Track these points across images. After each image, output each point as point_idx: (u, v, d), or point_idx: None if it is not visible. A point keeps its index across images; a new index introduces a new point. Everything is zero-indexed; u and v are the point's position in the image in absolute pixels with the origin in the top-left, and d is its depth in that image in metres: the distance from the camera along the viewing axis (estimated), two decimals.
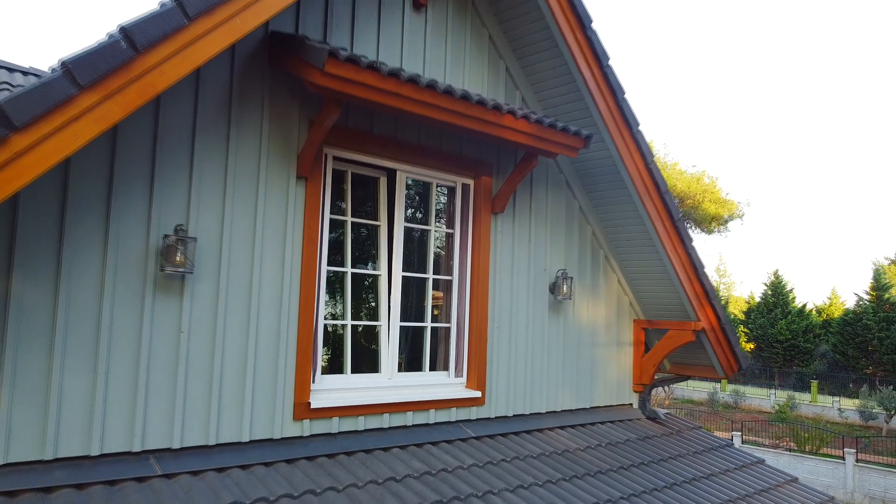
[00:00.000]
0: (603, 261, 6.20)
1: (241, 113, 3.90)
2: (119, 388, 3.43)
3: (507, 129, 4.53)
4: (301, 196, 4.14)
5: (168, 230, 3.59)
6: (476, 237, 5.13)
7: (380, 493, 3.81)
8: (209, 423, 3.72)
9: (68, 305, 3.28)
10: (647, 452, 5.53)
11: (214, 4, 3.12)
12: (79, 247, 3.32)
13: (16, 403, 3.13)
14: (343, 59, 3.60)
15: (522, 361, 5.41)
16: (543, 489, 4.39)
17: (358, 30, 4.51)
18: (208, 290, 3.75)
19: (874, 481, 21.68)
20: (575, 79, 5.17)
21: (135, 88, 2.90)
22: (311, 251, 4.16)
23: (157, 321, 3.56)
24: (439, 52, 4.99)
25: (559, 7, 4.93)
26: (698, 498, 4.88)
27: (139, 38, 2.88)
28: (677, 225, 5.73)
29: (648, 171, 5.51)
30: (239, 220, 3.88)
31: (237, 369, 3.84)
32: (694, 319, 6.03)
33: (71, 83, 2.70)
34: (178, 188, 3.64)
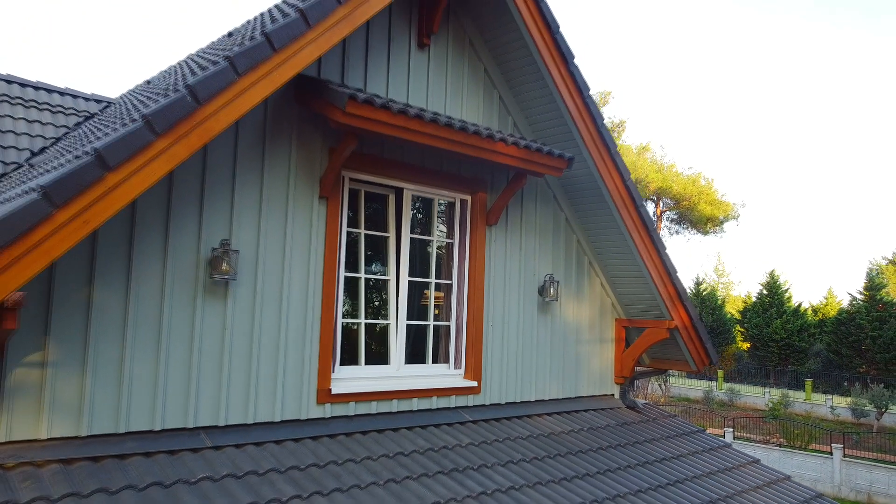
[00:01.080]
0: (587, 266, 6.92)
1: (272, 144, 4.62)
2: (176, 374, 4.15)
3: (499, 153, 5.25)
4: (323, 213, 4.86)
5: (215, 244, 4.31)
6: (473, 246, 5.85)
7: (391, 464, 4.53)
8: (248, 404, 4.44)
9: (136, 307, 4.00)
10: (625, 436, 6.25)
11: (258, 62, 3.84)
12: (144, 259, 4.03)
13: (96, 386, 3.85)
14: (361, 101, 4.32)
15: (514, 355, 6.13)
16: (530, 465, 5.11)
17: (370, 67, 5.23)
18: (247, 294, 4.47)
19: (860, 475, 22.41)
20: (559, 107, 5.89)
21: (196, 133, 3.61)
22: (331, 259, 4.88)
23: (206, 320, 4.28)
24: (440, 84, 5.70)
25: (545, 46, 5.64)
26: (667, 476, 5.61)
27: (201, 93, 3.60)
28: (652, 234, 6.45)
29: (625, 188, 6.23)
30: (272, 234, 4.60)
31: (270, 360, 4.56)
32: (668, 318, 6.75)
33: (150, 131, 3.41)
34: (222, 209, 4.36)
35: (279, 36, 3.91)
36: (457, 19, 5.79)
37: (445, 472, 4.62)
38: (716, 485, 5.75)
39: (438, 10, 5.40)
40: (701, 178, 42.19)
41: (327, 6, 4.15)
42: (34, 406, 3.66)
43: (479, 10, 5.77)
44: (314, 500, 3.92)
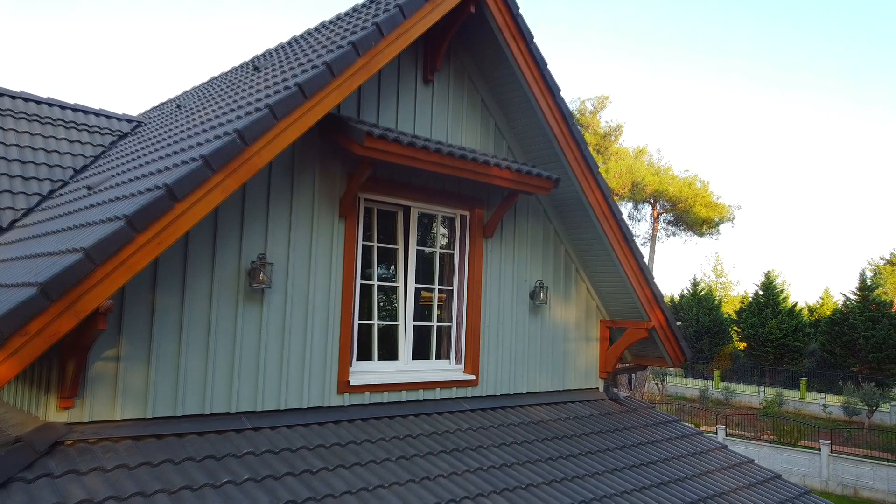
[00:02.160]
0: (574, 272, 7.71)
1: (299, 172, 5.41)
2: (221, 367, 4.94)
3: (494, 176, 6.05)
4: (342, 230, 5.65)
5: (253, 258, 5.10)
6: (471, 256, 6.65)
7: (401, 444, 5.33)
8: (280, 393, 5.23)
9: (190, 310, 4.79)
10: (606, 424, 7.05)
11: (292, 109, 4.63)
12: (196, 270, 4.83)
13: (158, 376, 4.65)
14: (376, 136, 5.12)
15: (508, 352, 6.93)
16: (521, 447, 5.91)
17: (382, 101, 6.02)
18: (279, 300, 5.26)
19: (847, 470, 23.20)
20: (547, 133, 6.68)
21: (244, 168, 4.41)
22: (349, 269, 5.67)
23: (246, 321, 5.08)
24: (443, 114, 6.50)
25: (534, 80, 6.43)
26: (642, 458, 6.40)
27: (247, 136, 4.39)
28: (631, 245, 7.24)
29: (607, 204, 7.03)
30: (299, 249, 5.39)
31: (298, 355, 5.36)
32: (646, 319, 7.54)
33: (208, 168, 4.21)
34: (258, 228, 5.16)
35: (310, 86, 4.70)
36: (457, 58, 6.58)
37: (448, 452, 5.42)
38: (685, 466, 6.55)
39: (441, 50, 6.19)
40: (697, 180, 42.93)
41: (349, 58, 4.94)
42: (110, 392, 4.46)
43: (476, 50, 6.56)
44: (338, 472, 4.71)
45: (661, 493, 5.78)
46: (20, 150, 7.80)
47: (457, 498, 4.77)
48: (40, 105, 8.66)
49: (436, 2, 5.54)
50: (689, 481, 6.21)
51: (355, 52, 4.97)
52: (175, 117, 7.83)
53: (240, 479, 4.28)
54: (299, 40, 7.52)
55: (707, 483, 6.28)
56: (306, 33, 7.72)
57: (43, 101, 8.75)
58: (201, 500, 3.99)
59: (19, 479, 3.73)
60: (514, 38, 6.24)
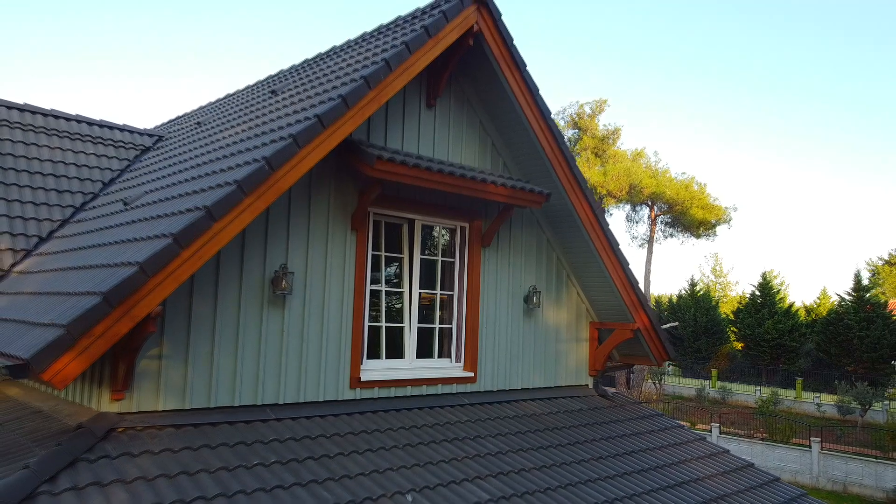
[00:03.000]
0: (565, 278, 8.35)
1: (316, 190, 6.05)
2: (248, 364, 5.58)
3: (490, 192, 6.69)
4: (353, 242, 6.30)
5: (276, 267, 5.74)
6: (470, 263, 7.28)
7: (407, 433, 5.97)
8: (299, 387, 5.88)
9: (221, 314, 5.43)
10: (594, 417, 7.69)
11: (313, 137, 5.26)
12: (226, 279, 5.47)
13: (194, 373, 5.29)
14: (385, 159, 5.76)
15: (503, 352, 7.57)
16: (515, 437, 6.55)
17: (389, 125, 6.66)
18: (298, 304, 5.90)
19: (837, 467, 23.84)
20: (539, 152, 7.31)
21: (272, 191, 5.05)
22: (360, 277, 6.31)
23: (270, 324, 5.72)
24: (445, 135, 7.14)
25: (527, 105, 7.07)
26: (625, 447, 7.04)
27: (274, 163, 5.03)
28: (617, 252, 7.88)
29: (594, 215, 7.67)
30: (316, 259, 6.03)
31: (315, 354, 6.00)
32: (632, 321, 8.18)
33: (241, 192, 4.84)
34: (280, 241, 5.80)
35: (327, 117, 5.34)
36: (458, 84, 7.22)
37: (449, 441, 6.06)
38: (665, 455, 7.18)
39: (443, 79, 6.83)
40: (694, 183, 43.53)
41: (361, 91, 5.58)
42: (153, 386, 5.10)
43: (475, 77, 7.20)
44: (353, 456, 5.36)
45: (642, 479, 6.42)
46: (53, 165, 8.45)
47: (457, 480, 5.41)
48: (69, 122, 9.31)
49: (438, 38, 6.18)
50: (668, 468, 6.85)
51: (367, 86, 5.61)
52: (197, 135, 8.46)
53: (268, 462, 4.92)
54: (313, 65, 8.15)
55: (684, 470, 6.92)
56: (319, 58, 8.35)
57: (72, 117, 9.39)
58: (237, 479, 4.63)
59: (83, 460, 4.37)
60: (509, 67, 6.88)
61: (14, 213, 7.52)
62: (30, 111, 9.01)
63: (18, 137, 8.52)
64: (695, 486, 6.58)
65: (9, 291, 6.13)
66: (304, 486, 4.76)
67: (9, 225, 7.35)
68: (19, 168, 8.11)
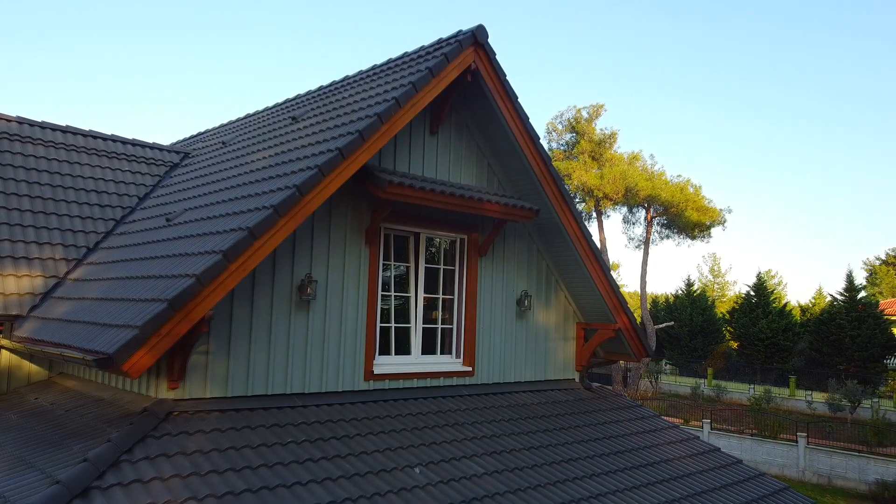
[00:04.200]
0: (553, 283, 9.31)
1: (336, 210, 7.01)
2: (278, 359, 6.54)
3: (486, 209, 7.65)
4: (367, 254, 7.26)
5: (301, 276, 6.71)
6: (469, 271, 8.24)
7: (413, 419, 6.94)
8: (321, 379, 6.84)
9: (256, 316, 6.39)
10: (579, 407, 8.65)
11: (335, 167, 6.22)
12: (260, 287, 6.43)
13: (234, 366, 6.25)
14: (395, 184, 6.72)
15: (498, 349, 8.53)
16: (507, 423, 7.52)
17: (398, 150, 7.62)
18: (320, 308, 6.87)
19: (822, 461, 24.82)
20: (530, 172, 8.27)
21: (301, 213, 6.01)
22: (372, 283, 7.28)
23: (296, 325, 6.68)
24: (446, 158, 8.10)
25: (518, 131, 8.03)
26: (605, 432, 8.00)
27: (303, 189, 5.98)
28: (599, 260, 8.84)
29: (579, 227, 8.63)
30: (335, 268, 6.99)
31: (335, 350, 6.96)
32: (614, 322, 9.14)
33: (277, 215, 5.80)
34: (305, 254, 6.76)
35: (347, 149, 6.30)
36: (457, 113, 8.19)
37: (450, 425, 7.03)
38: (640, 440, 8.15)
39: (445, 109, 7.79)
40: (689, 185, 44.31)
41: (375, 126, 6.53)
42: (202, 377, 6.07)
43: (473, 107, 8.15)
44: (368, 437, 6.32)
45: (618, 459, 7.39)
46: (95, 182, 9.42)
47: (457, 457, 6.38)
48: (106, 141, 10.27)
49: (440, 77, 7.15)
50: (642, 451, 7.82)
51: (380, 121, 6.57)
52: (224, 155, 9.41)
53: (299, 440, 5.89)
54: (329, 95, 9.10)
55: (656, 452, 7.89)
56: (334, 88, 9.31)
57: (108, 137, 10.36)
58: (274, 453, 5.60)
59: (151, 436, 5.34)
60: (503, 99, 7.84)
61: (65, 227, 8.49)
62: (71, 132, 9.98)
63: (63, 157, 9.49)
64: (664, 467, 7.55)
65: (72, 297, 7.10)
66: (329, 459, 5.74)
67: (61, 237, 8.32)
68: (66, 185, 9.07)
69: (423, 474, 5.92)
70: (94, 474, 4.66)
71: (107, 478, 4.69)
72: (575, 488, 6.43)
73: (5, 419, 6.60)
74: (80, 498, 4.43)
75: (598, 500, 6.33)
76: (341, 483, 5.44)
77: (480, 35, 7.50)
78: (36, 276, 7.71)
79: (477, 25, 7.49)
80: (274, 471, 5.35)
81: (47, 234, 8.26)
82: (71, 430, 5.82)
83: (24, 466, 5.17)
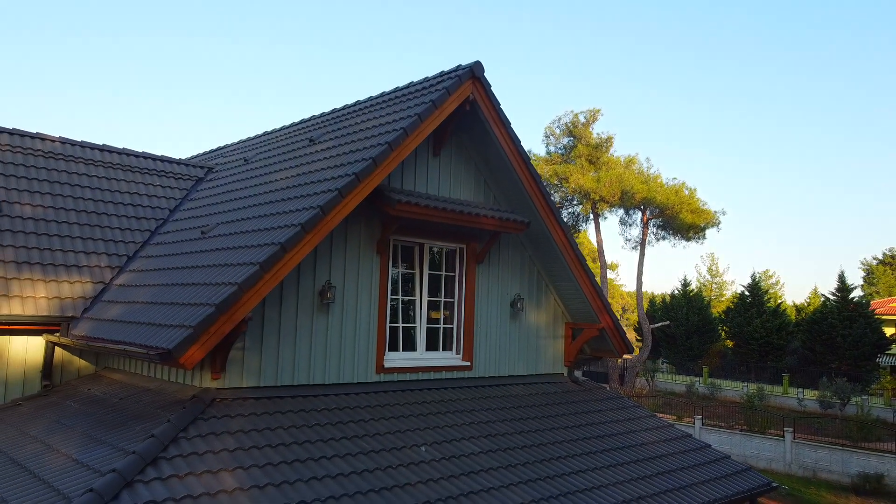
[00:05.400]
0: (544, 287, 10.34)
1: (352, 224, 8.04)
2: (302, 354, 7.58)
3: (482, 223, 8.68)
4: (378, 262, 8.29)
5: (322, 283, 7.74)
6: (468, 276, 9.28)
7: (419, 406, 7.98)
8: (339, 371, 7.87)
9: (284, 317, 7.43)
10: (565, 398, 9.69)
11: (352, 189, 7.24)
12: (287, 292, 7.46)
13: (265, 361, 7.28)
14: (404, 202, 7.76)
15: (494, 346, 9.57)
16: (501, 411, 8.56)
17: (405, 171, 8.65)
18: (338, 310, 7.90)
19: (807, 455, 25.85)
20: (521, 188, 9.30)
21: (324, 228, 7.03)
22: (383, 289, 8.31)
23: (318, 325, 7.71)
24: (447, 177, 9.13)
25: (511, 153, 9.06)
26: (588, 419, 9.04)
27: (326, 209, 7.01)
28: (584, 266, 9.88)
29: (567, 238, 9.66)
30: (351, 275, 8.03)
31: (350, 347, 7.99)
32: (598, 322, 10.17)
33: (304, 231, 6.83)
34: (325, 263, 7.80)
35: (362, 174, 7.33)
36: (458, 137, 9.22)
37: (451, 412, 8.07)
38: (619, 426, 9.18)
39: (446, 134, 8.82)
40: (684, 188, 45.33)
41: (386, 153, 7.56)
42: (238, 370, 7.10)
43: (471, 132, 9.18)
44: (381, 421, 7.36)
45: (598, 443, 8.42)
46: (130, 196, 10.46)
47: (456, 438, 7.42)
48: (138, 158, 11.31)
49: (443, 108, 8.18)
50: (620, 436, 8.85)
51: (390, 149, 7.60)
52: (247, 173, 10.43)
53: (322, 423, 6.93)
54: (343, 119, 10.13)
55: (632, 437, 8.92)
56: (347, 113, 10.34)
57: (140, 154, 11.39)
58: (303, 433, 6.64)
59: (200, 418, 6.38)
60: (497, 125, 8.87)
61: (107, 237, 9.53)
62: (108, 150, 11.01)
63: (101, 174, 10.53)
64: (638, 450, 8.58)
65: (121, 300, 8.14)
66: (349, 439, 6.78)
67: (105, 246, 9.36)
68: (105, 199, 10.11)
69: (428, 452, 6.96)
70: (160, 447, 5.70)
71: (169, 450, 5.73)
72: (558, 465, 7.47)
73: (66, 406, 7.63)
74: (151, 466, 5.46)
75: (577, 475, 7.37)
76: (359, 458, 6.48)
77: (477, 70, 8.54)
78: (86, 281, 8.75)
79: (474, 61, 8.52)
80: (303, 447, 6.39)
81: (93, 244, 9.30)
82: (129, 414, 6.85)
83: (96, 443, 6.21)
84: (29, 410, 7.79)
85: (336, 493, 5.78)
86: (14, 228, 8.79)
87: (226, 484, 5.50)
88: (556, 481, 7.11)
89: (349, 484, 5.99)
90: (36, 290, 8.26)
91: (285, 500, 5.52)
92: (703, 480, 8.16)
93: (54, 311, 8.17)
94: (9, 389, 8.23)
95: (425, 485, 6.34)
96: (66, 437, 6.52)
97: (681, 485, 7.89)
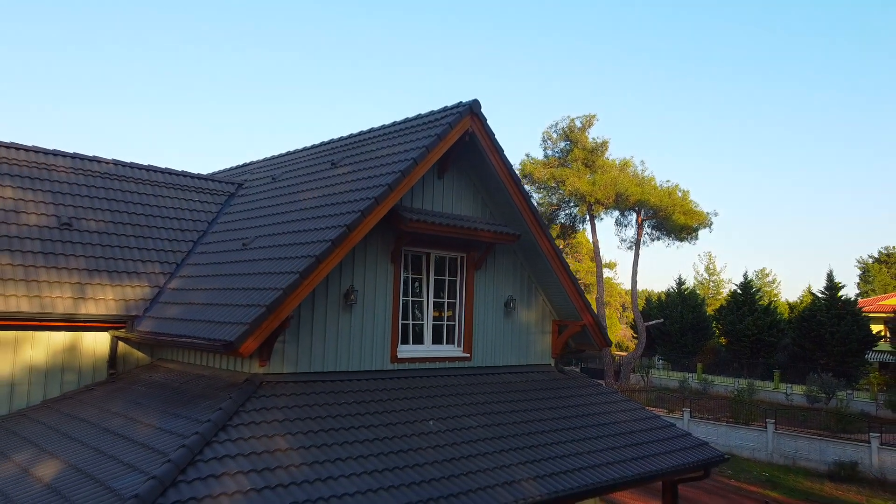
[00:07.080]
0: (534, 289, 11.93)
1: (370, 238, 9.61)
2: (330, 347, 9.16)
3: (480, 235, 10.26)
4: (392, 270, 9.87)
5: (347, 286, 9.32)
6: (467, 281, 10.86)
7: (426, 390, 9.57)
8: (360, 361, 9.46)
9: (315, 316, 9.00)
10: (552, 385, 11.27)
11: (372, 210, 8.82)
12: (318, 295, 9.04)
13: (300, 352, 8.87)
14: (414, 220, 9.34)
15: (490, 340, 11.15)
16: (496, 394, 10.15)
17: (414, 191, 10.22)
18: (359, 310, 9.48)
19: (788, 444, 27.45)
20: (513, 206, 10.87)
21: (349, 243, 8.60)
22: (396, 292, 9.89)
23: (342, 322, 9.29)
24: (451, 195, 10.71)
25: (504, 175, 10.63)
26: (571, 402, 10.62)
27: (351, 227, 8.58)
28: (567, 271, 11.46)
29: (552, 247, 11.25)
30: (369, 281, 9.60)
31: (369, 341, 9.57)
32: (580, 319, 11.76)
33: (334, 246, 8.40)
34: (348, 270, 9.37)
35: (380, 198, 8.89)
36: (459, 163, 10.80)
37: (453, 395, 9.66)
38: (597, 408, 10.76)
39: (449, 160, 10.39)
40: (678, 190, 46.99)
41: (399, 179, 9.13)
42: (280, 359, 8.68)
43: (470, 158, 10.76)
44: (395, 401, 8.95)
45: (580, 422, 10.00)
46: (175, 210, 12.04)
47: (458, 415, 9.01)
48: (178, 176, 12.89)
49: (446, 140, 9.76)
50: (596, 416, 10.44)
51: (403, 176, 9.18)
52: (276, 190, 12.00)
53: (349, 402, 8.52)
54: (361, 145, 11.70)
55: (607, 417, 10.51)
56: (364, 139, 11.91)
57: (178, 172, 12.97)
58: (335, 409, 8.23)
59: (253, 397, 7.96)
60: (492, 153, 10.45)
61: (158, 247, 11.11)
62: (153, 170, 12.60)
63: (149, 191, 12.11)
64: (612, 426, 10.17)
65: (178, 302, 9.72)
66: (371, 414, 8.37)
67: (157, 255, 10.95)
68: (154, 214, 11.70)
69: (435, 425, 8.55)
70: (227, 417, 7.28)
71: (233, 420, 7.32)
72: (543, 437, 9.05)
73: (135, 390, 9.22)
74: (222, 431, 7.05)
75: (558, 445, 8.95)
76: (380, 428, 8.07)
77: (475, 107, 10.12)
78: (144, 286, 10.33)
79: (473, 100, 10.10)
80: (335, 419, 7.98)
81: (147, 254, 10.88)
82: (193, 394, 8.44)
83: (172, 416, 7.80)
84: (102, 393, 9.38)
85: (364, 453, 7.37)
86: (83, 241, 10.38)
87: (279, 445, 7.09)
88: (541, 449, 8.70)
89: (373, 447, 7.58)
90: (105, 293, 9.85)
91: (325, 457, 7.11)
92: (664, 452, 9.75)
93: (121, 311, 9.76)
94: (82, 377, 9.81)
95: (433, 449, 7.93)
96: (145, 412, 8.11)
97: (645, 455, 9.47)
